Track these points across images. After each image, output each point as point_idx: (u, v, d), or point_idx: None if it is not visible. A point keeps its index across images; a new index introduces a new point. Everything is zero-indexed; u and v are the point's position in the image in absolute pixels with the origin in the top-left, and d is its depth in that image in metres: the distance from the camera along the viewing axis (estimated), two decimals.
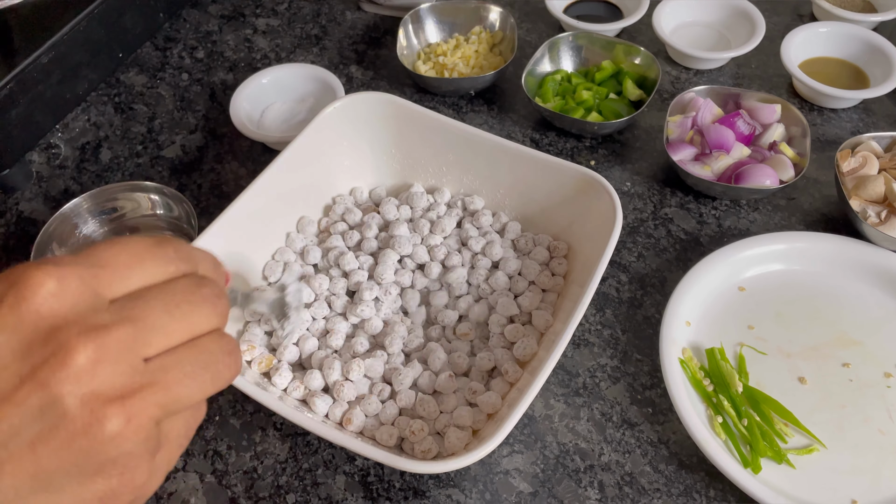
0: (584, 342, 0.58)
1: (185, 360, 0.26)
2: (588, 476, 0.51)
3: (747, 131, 0.67)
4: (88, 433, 0.23)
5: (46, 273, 0.24)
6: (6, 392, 0.23)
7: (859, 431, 0.52)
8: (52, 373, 0.23)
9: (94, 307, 0.25)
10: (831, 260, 0.60)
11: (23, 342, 0.23)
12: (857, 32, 0.76)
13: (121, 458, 0.24)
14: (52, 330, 0.24)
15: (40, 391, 0.23)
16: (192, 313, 0.26)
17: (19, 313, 0.24)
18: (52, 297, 0.24)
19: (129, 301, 0.26)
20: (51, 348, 0.23)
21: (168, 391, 0.25)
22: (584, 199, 0.55)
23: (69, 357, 0.23)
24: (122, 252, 0.26)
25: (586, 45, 0.76)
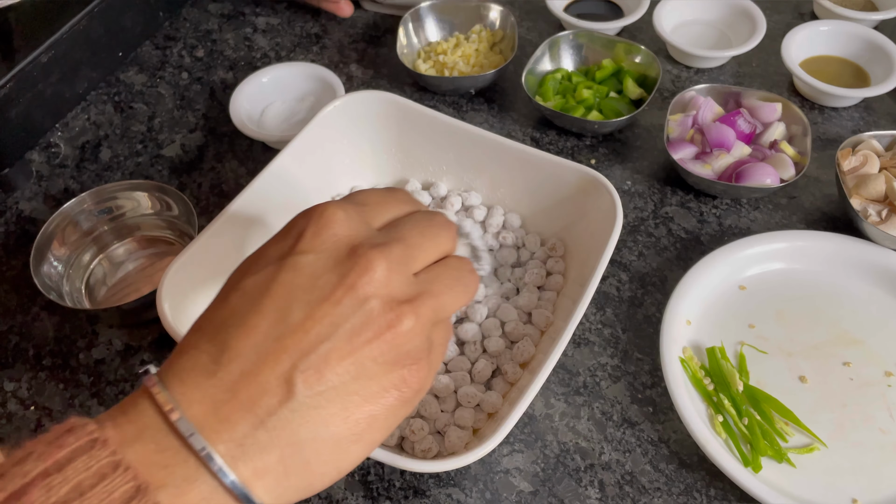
0: (584, 341, 0.58)
1: (442, 275, 0.32)
2: (588, 475, 0.51)
3: (748, 130, 0.67)
4: (391, 328, 0.29)
5: (336, 206, 0.31)
6: (325, 294, 0.29)
7: (860, 430, 0.52)
8: (359, 278, 0.29)
9: (370, 231, 0.31)
10: (832, 259, 0.60)
11: (330, 257, 0.29)
12: (858, 31, 0.75)
13: (412, 351, 0.30)
14: (352, 247, 0.30)
15: (352, 293, 0.29)
16: (437, 236, 0.33)
17: (324, 237, 0.30)
18: (345, 223, 0.30)
19: (392, 228, 0.32)
20: (354, 260, 0.29)
21: (437, 298, 0.31)
22: (584, 197, 0.55)
23: (370, 267, 0.29)
24: (374, 195, 0.34)
25: (587, 44, 0.75)
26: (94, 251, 0.64)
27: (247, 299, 0.29)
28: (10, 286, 0.63)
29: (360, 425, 0.29)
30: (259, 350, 0.28)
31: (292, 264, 0.29)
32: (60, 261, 0.61)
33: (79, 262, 0.63)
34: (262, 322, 0.28)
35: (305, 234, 0.30)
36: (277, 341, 0.28)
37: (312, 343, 0.28)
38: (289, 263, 0.29)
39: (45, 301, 0.62)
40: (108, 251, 0.64)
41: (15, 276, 0.64)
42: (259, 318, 0.28)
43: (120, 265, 0.64)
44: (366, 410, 0.29)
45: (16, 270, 0.64)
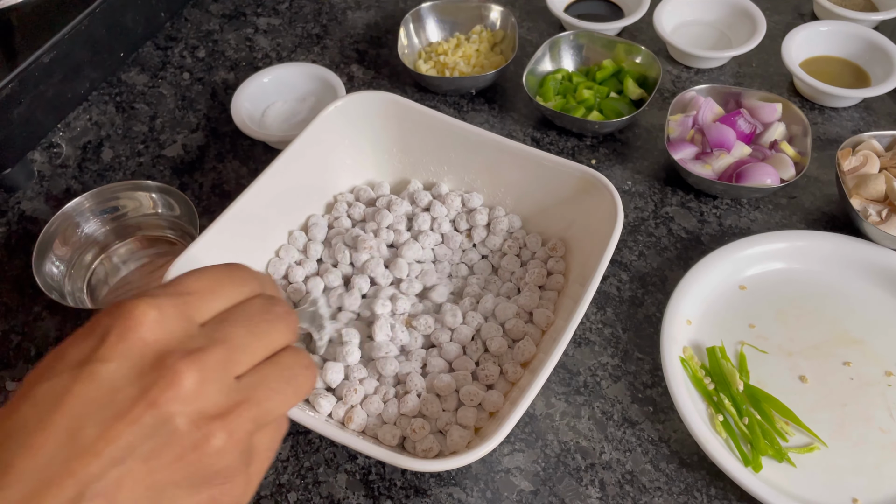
0: (584, 341, 0.58)
1: (269, 377, 0.29)
2: (589, 474, 0.52)
3: (748, 130, 0.67)
4: (197, 449, 0.26)
5: (148, 304, 0.27)
6: (122, 411, 0.25)
7: (860, 430, 0.52)
8: (163, 393, 0.25)
9: (189, 332, 0.27)
10: (832, 259, 0.60)
11: (133, 367, 0.26)
12: (858, 31, 0.76)
13: (223, 470, 0.27)
14: (159, 356, 0.26)
15: (152, 410, 0.25)
16: (270, 331, 0.29)
17: (129, 342, 0.26)
18: (156, 325, 0.26)
19: (217, 324, 0.28)
20: (160, 372, 0.26)
21: (259, 406, 0.28)
22: (585, 197, 0.55)
23: (177, 380, 0.26)
24: (203, 279, 0.29)
25: (587, 44, 0.76)
26: (96, 251, 0.64)
27: (36, 411, 0.25)
28: (11, 286, 0.63)
29: None
30: (43, 473, 0.24)
31: (89, 373, 0.25)
32: (62, 260, 0.62)
33: (80, 261, 0.63)
34: (50, 441, 0.25)
35: (109, 338, 0.26)
36: (64, 464, 0.24)
37: (103, 467, 0.24)
38: (86, 372, 0.25)
39: (46, 301, 0.62)
40: (110, 251, 0.64)
41: (17, 276, 0.64)
42: (46, 436, 0.25)
43: (122, 265, 0.64)
44: None
45: (17, 270, 0.64)
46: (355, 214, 0.61)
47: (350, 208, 0.61)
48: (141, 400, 0.25)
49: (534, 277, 0.56)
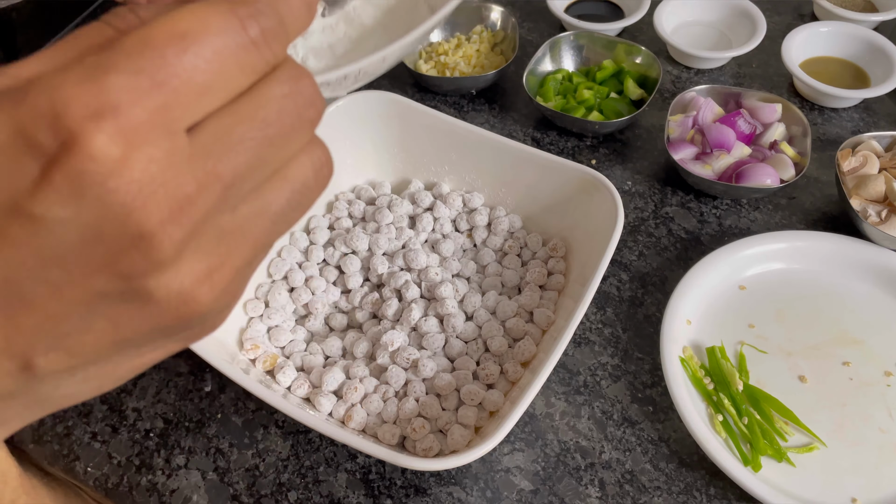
0: (584, 340, 0.58)
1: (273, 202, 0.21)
2: (589, 474, 0.52)
3: (748, 130, 0.67)
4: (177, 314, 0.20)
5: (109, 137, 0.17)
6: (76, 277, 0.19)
7: (859, 430, 0.52)
8: (132, 266, 0.19)
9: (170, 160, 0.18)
10: (832, 259, 0.60)
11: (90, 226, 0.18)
12: (858, 32, 0.76)
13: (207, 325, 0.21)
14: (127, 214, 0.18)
15: (119, 282, 0.19)
16: (286, 146, 0.20)
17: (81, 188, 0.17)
18: (121, 166, 0.17)
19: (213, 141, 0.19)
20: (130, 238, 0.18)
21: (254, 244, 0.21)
22: (585, 197, 0.55)
23: (153, 250, 0.18)
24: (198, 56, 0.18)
25: (587, 45, 0.76)
26: None
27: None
28: None
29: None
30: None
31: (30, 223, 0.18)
32: None
33: None
34: None
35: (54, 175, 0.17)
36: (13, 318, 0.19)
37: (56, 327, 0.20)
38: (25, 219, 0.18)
39: None
40: None
41: None
42: None
43: None
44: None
45: None
46: (356, 212, 0.61)
47: (350, 206, 0.61)
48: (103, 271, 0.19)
49: (534, 277, 0.56)
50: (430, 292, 0.56)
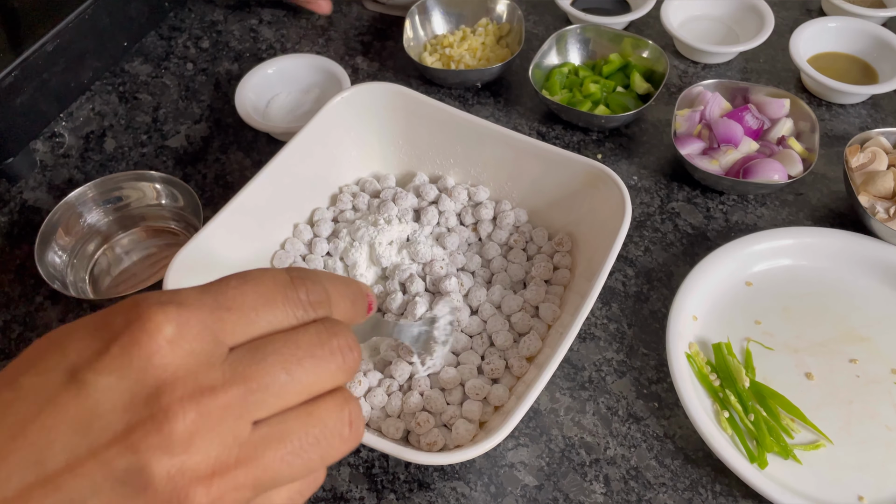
0: (590, 336, 0.58)
1: (293, 433, 0.23)
2: (593, 470, 0.51)
3: (755, 126, 0.67)
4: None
5: (167, 316, 0.22)
6: (96, 447, 0.21)
7: (866, 427, 0.52)
8: (146, 437, 0.21)
9: (208, 359, 0.23)
10: (839, 255, 0.60)
11: (126, 393, 0.22)
12: (866, 28, 0.75)
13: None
14: (158, 387, 0.22)
15: (129, 455, 0.21)
16: (314, 371, 0.24)
17: (132, 358, 0.22)
18: (168, 346, 0.22)
19: (249, 353, 0.23)
20: (151, 410, 0.22)
21: (266, 470, 0.23)
22: (592, 192, 0.55)
23: (167, 423, 0.21)
24: (253, 292, 0.24)
25: (594, 38, 0.75)
26: (99, 241, 0.64)
27: (13, 411, 0.22)
28: (14, 275, 0.63)
29: None
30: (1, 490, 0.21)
31: (80, 384, 0.22)
32: (65, 250, 0.61)
33: (83, 251, 0.63)
34: (15, 457, 0.22)
35: (112, 347, 0.22)
36: (25, 489, 0.21)
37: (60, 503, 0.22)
38: (77, 382, 0.22)
39: (48, 290, 0.61)
40: (113, 241, 0.64)
41: (19, 266, 0.64)
42: (15, 450, 0.22)
43: (125, 255, 0.64)
44: None
45: (20, 260, 0.64)
46: (360, 205, 0.61)
47: (355, 199, 0.61)
48: (120, 441, 0.21)
49: (540, 272, 0.56)
50: (434, 286, 0.56)
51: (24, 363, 0.23)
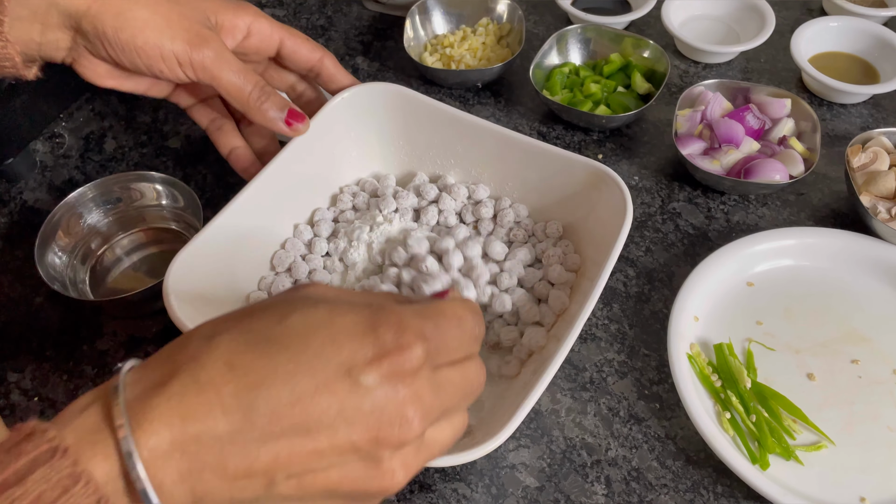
0: (591, 337, 0.58)
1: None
2: (595, 471, 0.51)
3: (757, 126, 0.67)
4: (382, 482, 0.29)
5: (419, 344, 0.29)
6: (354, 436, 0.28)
7: (868, 428, 0.52)
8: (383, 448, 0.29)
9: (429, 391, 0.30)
10: (841, 256, 0.60)
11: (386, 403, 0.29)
12: (868, 27, 0.75)
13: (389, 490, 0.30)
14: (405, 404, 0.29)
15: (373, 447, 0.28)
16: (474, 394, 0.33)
17: (396, 374, 0.29)
18: (416, 359, 0.29)
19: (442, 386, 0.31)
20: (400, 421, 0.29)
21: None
22: (593, 192, 0.55)
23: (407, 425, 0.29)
24: (455, 338, 0.32)
25: (595, 38, 0.75)
26: (99, 242, 0.63)
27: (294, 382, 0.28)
28: (14, 276, 0.63)
29: None
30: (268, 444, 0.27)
31: (353, 384, 0.28)
32: (65, 251, 0.61)
33: (83, 252, 0.62)
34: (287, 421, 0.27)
35: (384, 362, 0.29)
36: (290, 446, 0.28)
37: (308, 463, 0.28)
38: (351, 380, 0.28)
39: (49, 291, 0.61)
40: (113, 242, 0.64)
41: (19, 267, 0.64)
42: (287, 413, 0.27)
43: (125, 256, 0.64)
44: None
45: (20, 261, 0.64)
46: (360, 204, 0.61)
47: (355, 199, 0.61)
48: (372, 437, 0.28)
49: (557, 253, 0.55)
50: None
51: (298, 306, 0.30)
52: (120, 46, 0.48)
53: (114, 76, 0.52)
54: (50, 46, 0.49)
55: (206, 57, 0.49)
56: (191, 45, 0.49)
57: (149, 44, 0.48)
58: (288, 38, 0.56)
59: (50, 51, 0.49)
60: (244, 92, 0.51)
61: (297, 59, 0.57)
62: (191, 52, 0.49)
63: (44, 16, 0.47)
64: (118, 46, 0.48)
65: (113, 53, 0.49)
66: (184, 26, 0.49)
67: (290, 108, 0.53)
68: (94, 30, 0.47)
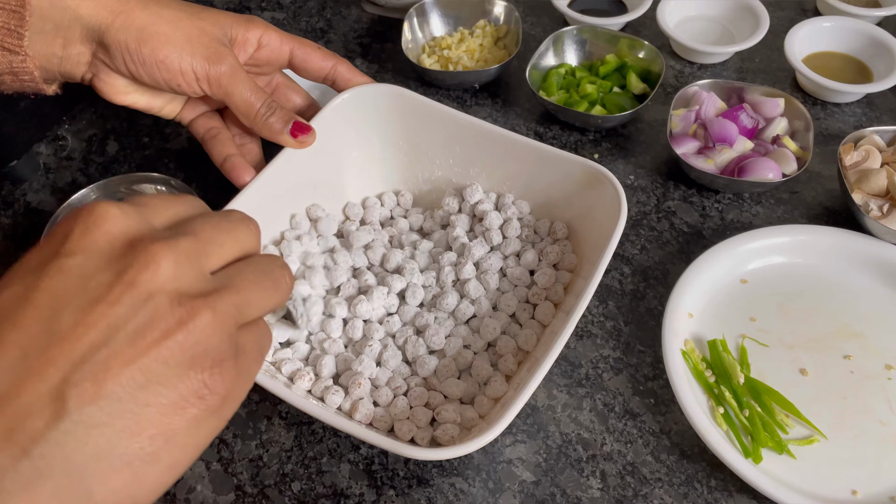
0: (586, 333, 0.59)
1: (245, 270, 0.29)
2: (590, 465, 0.52)
3: (750, 125, 0.68)
4: (183, 325, 0.25)
5: (108, 204, 0.26)
6: (98, 296, 0.24)
7: (860, 422, 0.52)
8: (140, 273, 0.25)
9: (151, 227, 0.27)
10: (833, 253, 0.61)
11: (103, 257, 0.25)
12: (861, 27, 0.76)
13: (211, 350, 0.26)
14: (129, 242, 0.26)
15: (131, 290, 0.25)
16: (234, 230, 0.29)
17: (94, 235, 0.26)
18: (120, 220, 0.26)
19: (179, 224, 0.28)
20: (134, 256, 0.25)
21: (240, 294, 0.27)
22: (588, 191, 0.56)
23: (153, 260, 0.25)
24: (156, 197, 0.30)
25: (590, 39, 0.76)
26: None
27: (3, 314, 0.24)
28: None
29: (156, 442, 0.25)
30: (18, 368, 0.23)
31: (57, 268, 0.25)
32: None
33: None
34: (21, 336, 0.24)
35: (72, 235, 0.25)
36: (42, 354, 0.23)
37: (87, 351, 0.24)
38: (52, 267, 0.25)
39: None
40: None
41: None
42: (17, 333, 0.24)
43: None
44: (162, 424, 0.25)
45: None
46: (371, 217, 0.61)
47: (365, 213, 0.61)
48: (118, 282, 0.25)
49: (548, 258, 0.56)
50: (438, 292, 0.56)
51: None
52: (141, 60, 0.49)
53: (130, 92, 0.53)
54: (71, 61, 0.50)
55: (223, 73, 0.51)
56: (209, 61, 0.50)
57: (170, 58, 0.50)
58: (298, 48, 0.58)
59: (70, 66, 0.50)
60: (254, 108, 0.53)
61: (308, 67, 0.59)
62: (208, 68, 0.50)
63: (66, 30, 0.48)
64: (139, 60, 0.49)
65: (133, 68, 0.50)
66: (203, 42, 0.50)
67: (295, 120, 0.55)
68: (116, 43, 0.49)
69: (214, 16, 0.53)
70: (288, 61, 0.59)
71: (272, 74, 0.61)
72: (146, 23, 0.49)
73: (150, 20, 0.49)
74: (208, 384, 0.26)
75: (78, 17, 0.48)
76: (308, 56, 0.58)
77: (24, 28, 0.45)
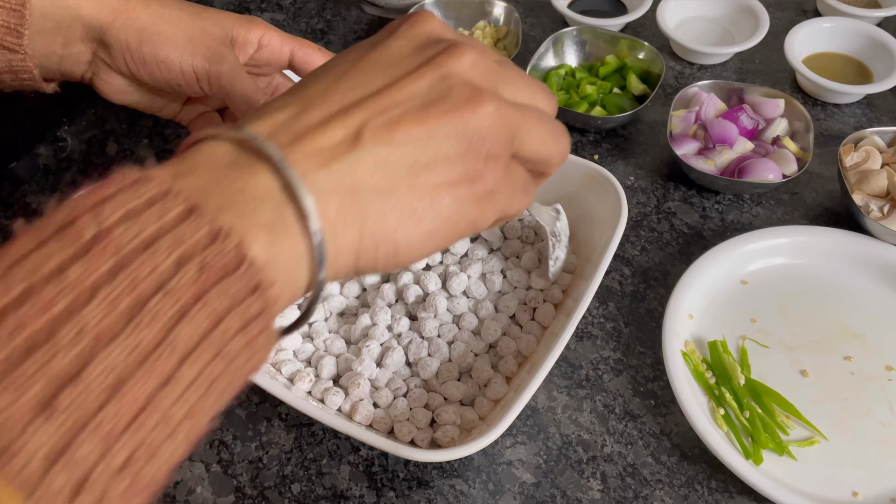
0: (586, 335, 0.59)
1: (533, 112, 0.31)
2: (590, 467, 0.52)
3: (750, 126, 0.67)
4: (469, 104, 0.28)
5: (431, 13, 0.32)
6: (409, 69, 0.29)
7: (860, 424, 0.52)
8: (447, 58, 0.29)
9: (463, 37, 0.31)
10: (834, 254, 0.61)
11: (420, 43, 0.30)
12: (861, 28, 0.76)
13: (488, 140, 0.29)
14: (441, 37, 0.31)
15: (435, 69, 0.29)
16: (535, 86, 0.32)
17: (418, 30, 0.31)
18: (440, 26, 0.31)
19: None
20: (443, 45, 0.30)
21: (522, 118, 0.30)
22: (589, 193, 0.56)
23: (459, 51, 0.29)
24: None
25: (590, 40, 0.76)
26: None
27: (334, 72, 0.30)
28: None
29: (425, 202, 0.28)
30: (338, 106, 0.28)
31: (383, 46, 0.30)
32: None
33: None
34: (347, 87, 0.29)
35: (400, 28, 0.31)
36: (357, 101, 0.28)
37: (388, 105, 0.28)
38: (379, 46, 0.30)
39: None
40: None
41: None
42: (345, 84, 0.29)
43: None
44: (433, 185, 0.28)
45: None
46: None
47: None
48: (425, 63, 0.29)
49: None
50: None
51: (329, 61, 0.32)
52: (142, 59, 0.50)
53: (130, 92, 0.54)
54: (71, 60, 0.50)
55: (223, 74, 0.51)
56: (209, 61, 0.51)
57: (170, 58, 0.50)
58: (299, 48, 0.58)
59: (70, 65, 0.51)
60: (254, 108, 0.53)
61: (309, 68, 0.59)
62: (209, 68, 0.51)
63: (67, 29, 0.48)
64: (140, 59, 0.50)
65: (134, 67, 0.50)
66: (204, 42, 0.51)
67: None
68: (117, 43, 0.49)
69: (216, 16, 0.53)
70: (288, 62, 0.59)
71: (273, 75, 0.61)
72: (147, 22, 0.49)
73: (152, 20, 0.49)
74: (481, 170, 0.29)
75: (79, 16, 0.48)
76: (309, 57, 0.59)
77: (24, 27, 0.45)
